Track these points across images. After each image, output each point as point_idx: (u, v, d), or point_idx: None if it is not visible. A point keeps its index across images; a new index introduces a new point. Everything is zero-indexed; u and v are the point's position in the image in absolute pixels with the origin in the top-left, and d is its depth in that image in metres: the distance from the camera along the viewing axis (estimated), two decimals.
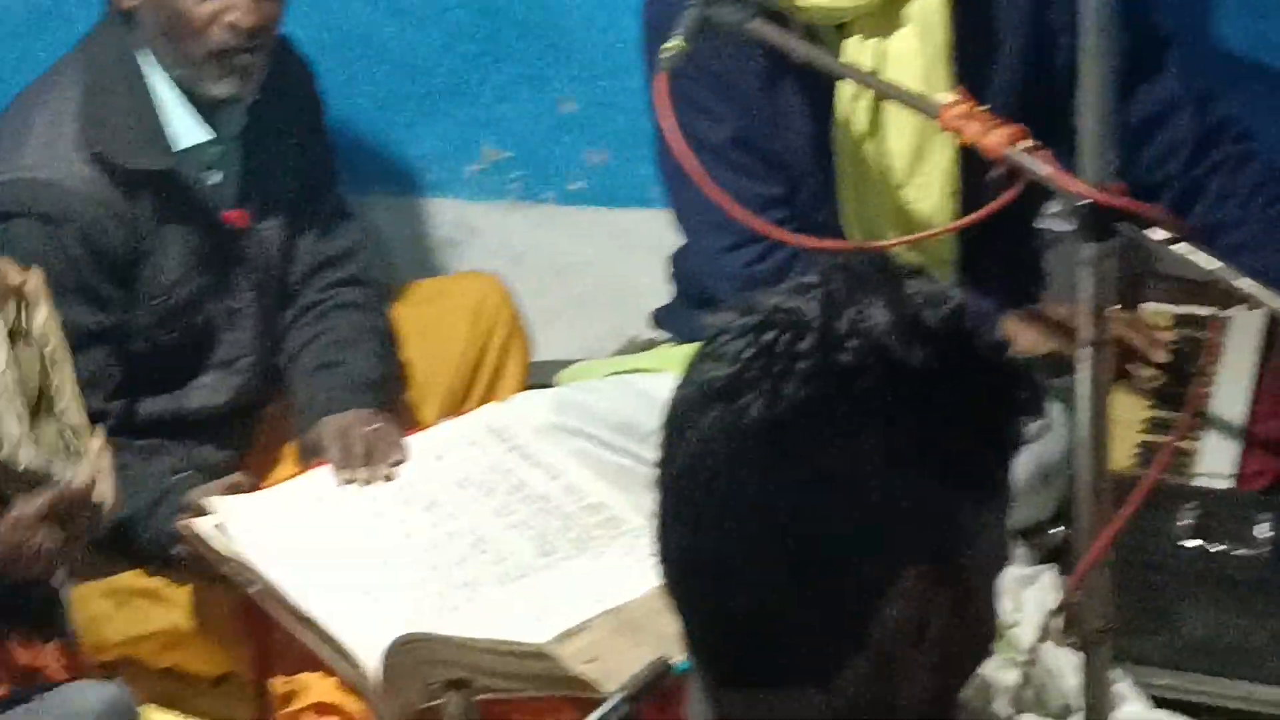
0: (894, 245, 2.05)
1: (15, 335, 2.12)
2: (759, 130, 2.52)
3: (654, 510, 0.97)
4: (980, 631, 0.99)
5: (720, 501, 0.94)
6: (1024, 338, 2.49)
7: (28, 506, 2.04)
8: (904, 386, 0.90)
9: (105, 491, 2.11)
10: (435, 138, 3.12)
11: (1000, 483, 0.98)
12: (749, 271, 2.32)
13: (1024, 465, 2.09)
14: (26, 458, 2.07)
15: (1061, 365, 2.23)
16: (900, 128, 2.43)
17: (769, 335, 0.90)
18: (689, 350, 1.00)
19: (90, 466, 2.13)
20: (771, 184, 2.47)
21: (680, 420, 0.94)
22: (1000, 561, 1.00)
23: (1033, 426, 1.16)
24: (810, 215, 2.30)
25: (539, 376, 2.80)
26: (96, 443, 2.16)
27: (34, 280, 2.15)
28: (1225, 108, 2.52)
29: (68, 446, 2.15)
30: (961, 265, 2.44)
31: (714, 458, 0.92)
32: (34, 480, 2.06)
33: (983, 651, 1.00)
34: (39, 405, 2.16)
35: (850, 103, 2.42)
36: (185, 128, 2.59)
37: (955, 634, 0.95)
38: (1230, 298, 2.27)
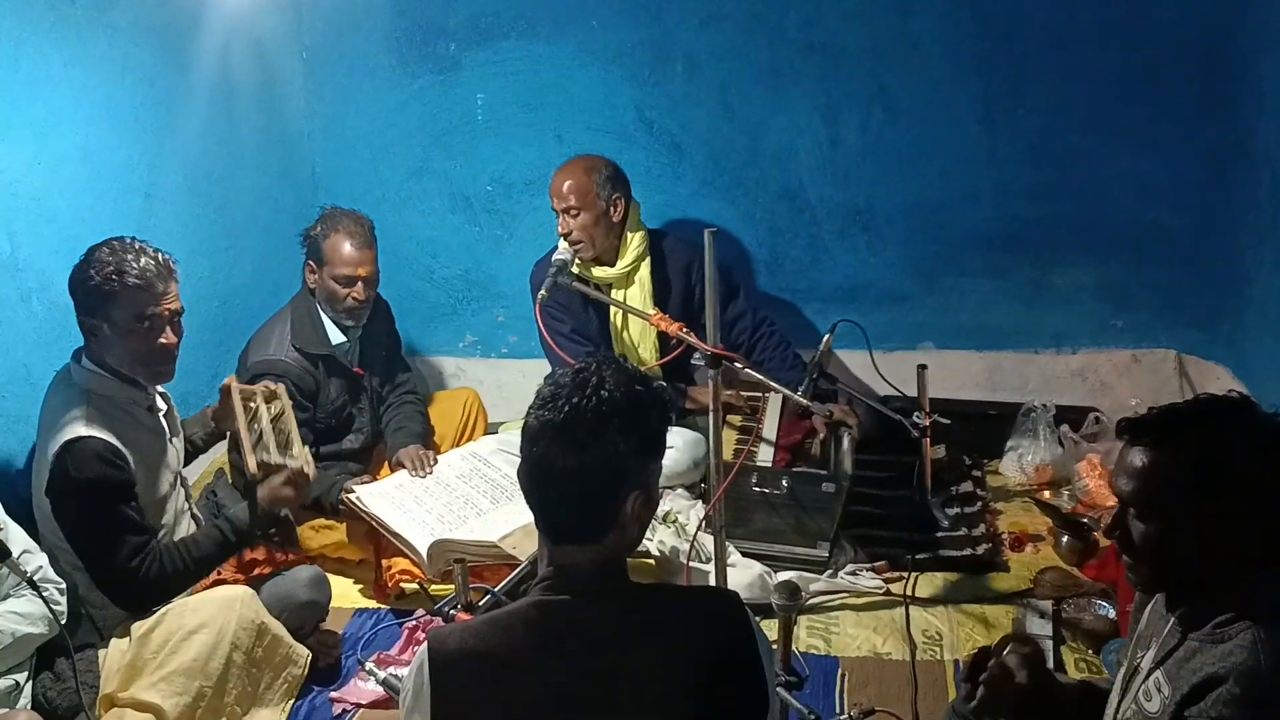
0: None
1: (276, 421, 2.87)
2: (581, 327, 3.60)
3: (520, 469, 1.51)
4: (653, 512, 1.54)
5: (543, 458, 1.45)
6: (696, 400, 3.62)
7: (280, 475, 2.78)
8: (623, 409, 1.44)
9: (309, 474, 2.81)
10: (446, 333, 4.26)
11: (662, 454, 1.52)
12: None
13: (685, 458, 3.40)
14: (278, 460, 2.78)
15: (698, 413, 3.52)
16: (635, 323, 3.57)
17: (567, 380, 1.47)
18: None
19: (302, 464, 2.79)
20: (585, 346, 3.53)
21: (530, 423, 1.49)
22: (658, 485, 1.52)
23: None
24: None
25: (491, 431, 3.85)
26: (305, 454, 2.83)
27: (281, 389, 2.94)
28: (765, 312, 3.67)
29: (294, 457, 2.80)
30: (664, 377, 3.44)
31: (539, 436, 1.46)
32: (280, 468, 2.77)
33: (650, 519, 1.53)
34: (285, 442, 2.85)
35: (617, 315, 3.59)
36: (334, 334, 3.43)
37: (646, 514, 1.53)
38: (767, 389, 2.81)
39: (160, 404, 2.78)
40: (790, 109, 3.81)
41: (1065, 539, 3.20)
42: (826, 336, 3.09)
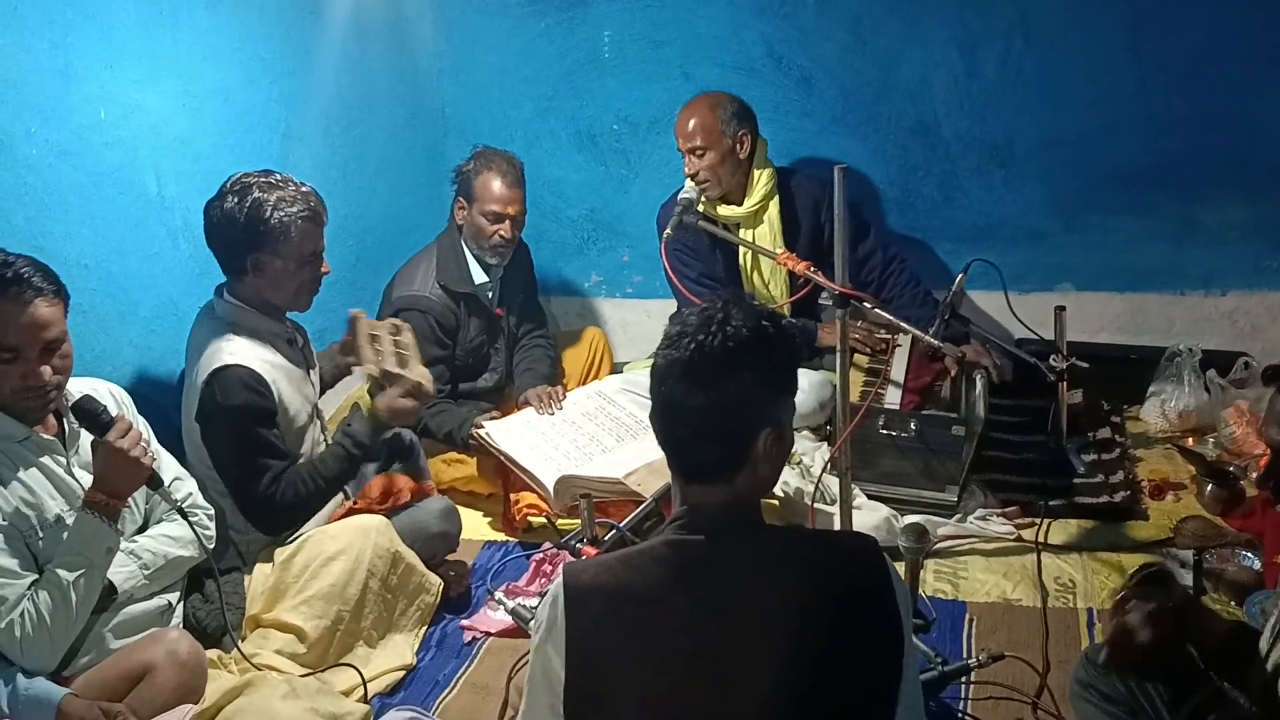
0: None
1: (398, 342, 2.86)
2: (709, 268, 3.58)
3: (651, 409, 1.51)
4: (786, 451, 1.51)
5: (671, 396, 1.44)
6: (825, 339, 3.52)
7: (399, 387, 2.80)
8: (751, 345, 1.42)
9: (428, 389, 2.83)
10: (572, 273, 4.31)
11: (793, 391, 1.50)
12: None
13: (811, 399, 3.36)
14: (398, 370, 2.80)
15: (826, 352, 3.47)
16: (765, 263, 3.55)
17: (694, 319, 1.46)
18: None
19: (419, 378, 2.81)
20: (715, 289, 3.47)
21: (659, 363, 1.48)
22: (791, 426, 1.50)
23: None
24: None
25: (616, 370, 3.95)
26: (424, 372, 2.86)
27: (406, 326, 2.98)
28: (895, 250, 3.63)
29: (409, 371, 2.80)
30: (792, 314, 3.46)
31: (667, 375, 1.45)
32: (399, 379, 2.81)
33: (785, 458, 1.52)
34: (405, 363, 2.85)
35: (745, 254, 3.56)
36: (478, 274, 3.50)
37: (779, 453, 1.48)
38: (897, 329, 3.04)
39: (297, 338, 2.86)
40: (925, 40, 3.69)
41: (1209, 487, 3.07)
42: (959, 277, 2.99)
